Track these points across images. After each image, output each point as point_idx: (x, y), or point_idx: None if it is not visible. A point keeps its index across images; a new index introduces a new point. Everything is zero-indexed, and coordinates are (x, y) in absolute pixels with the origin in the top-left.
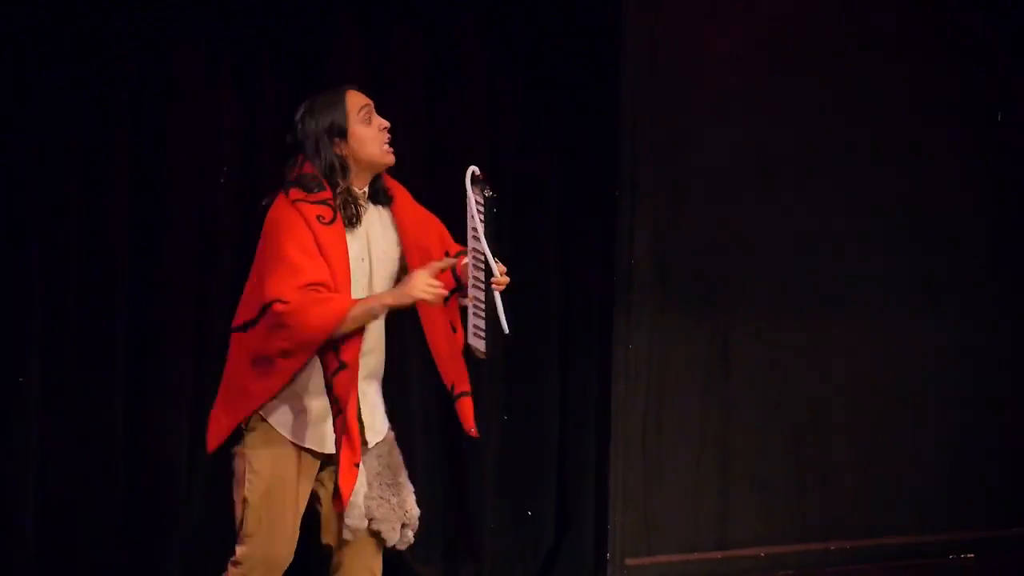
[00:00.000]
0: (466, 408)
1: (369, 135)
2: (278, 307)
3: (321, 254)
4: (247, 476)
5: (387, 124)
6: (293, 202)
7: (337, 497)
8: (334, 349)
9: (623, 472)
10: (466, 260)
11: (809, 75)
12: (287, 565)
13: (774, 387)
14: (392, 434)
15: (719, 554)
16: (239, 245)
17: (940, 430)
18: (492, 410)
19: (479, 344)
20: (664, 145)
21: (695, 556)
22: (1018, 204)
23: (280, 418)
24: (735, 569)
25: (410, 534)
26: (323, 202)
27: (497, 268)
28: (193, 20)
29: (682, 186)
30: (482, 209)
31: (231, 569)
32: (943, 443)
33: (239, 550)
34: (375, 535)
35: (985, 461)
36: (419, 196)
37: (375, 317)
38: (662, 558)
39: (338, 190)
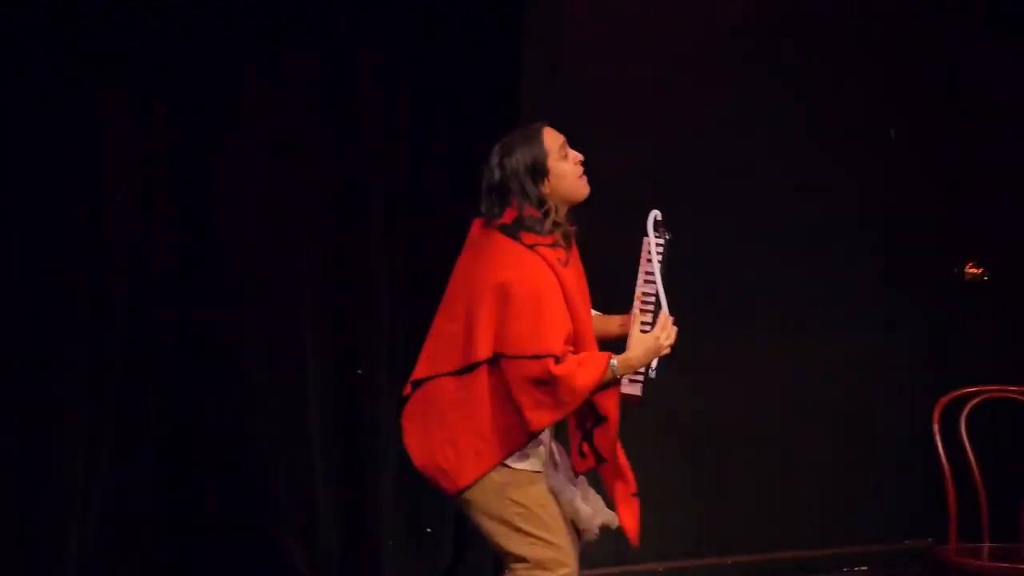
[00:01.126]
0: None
1: (568, 170)
2: (553, 367)
3: (567, 299)
4: (513, 512)
5: (582, 157)
6: (531, 247)
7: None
8: (589, 404)
9: None
10: (635, 303)
11: (710, 89)
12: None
13: (671, 401)
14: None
15: (617, 569)
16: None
17: (835, 444)
18: (394, 425)
19: (635, 390)
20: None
21: (594, 572)
22: (914, 215)
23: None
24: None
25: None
26: (556, 244)
27: (665, 312)
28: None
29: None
30: (661, 252)
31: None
32: (839, 458)
33: (534, 558)
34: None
35: (877, 475)
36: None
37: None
38: None
39: (554, 227)
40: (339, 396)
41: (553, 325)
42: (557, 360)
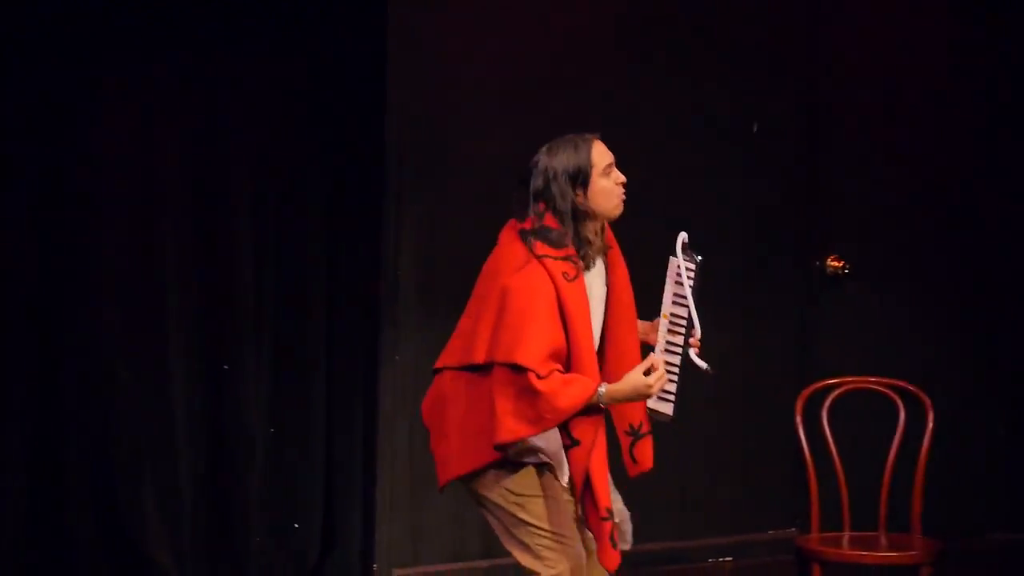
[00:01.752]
0: (647, 447)
1: (609, 188)
2: (535, 381)
3: (564, 313)
4: (524, 506)
5: (624, 179)
6: (539, 257)
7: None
8: (565, 426)
9: (390, 484)
10: (662, 323)
11: (575, 83)
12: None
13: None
14: None
15: (485, 563)
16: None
17: (698, 436)
18: (260, 422)
19: (665, 408)
20: (430, 157)
21: (461, 565)
22: (776, 209)
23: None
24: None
25: (629, 531)
26: (568, 258)
27: (697, 330)
28: None
29: (448, 198)
30: (692, 275)
31: None
32: (702, 449)
33: (545, 569)
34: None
35: (741, 466)
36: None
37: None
38: (429, 567)
39: (578, 238)
40: (204, 393)
41: (539, 338)
42: (539, 376)
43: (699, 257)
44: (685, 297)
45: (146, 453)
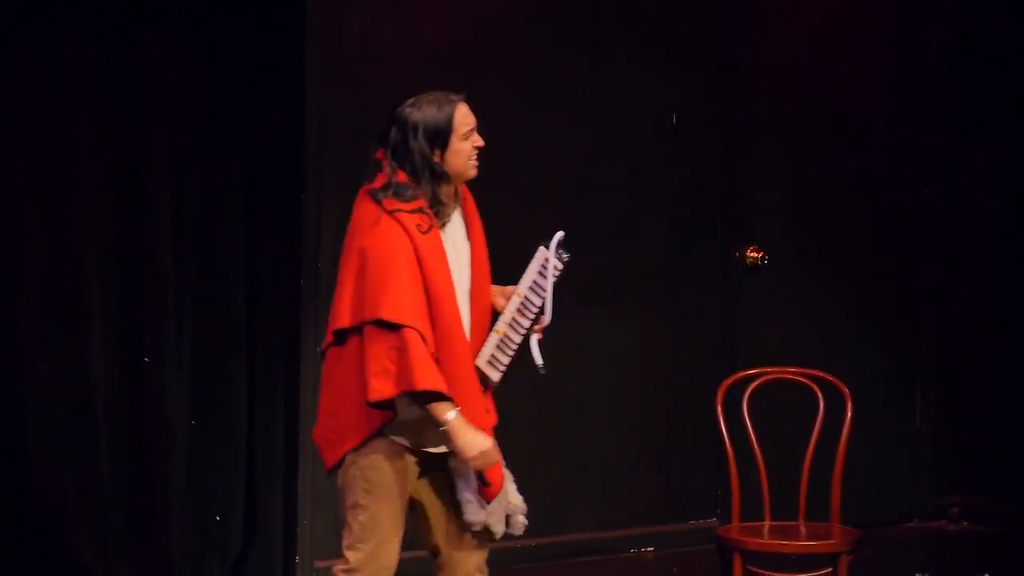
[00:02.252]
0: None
1: (466, 151)
2: (409, 333)
3: (421, 265)
4: (359, 484)
5: (481, 144)
6: (391, 212)
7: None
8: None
9: (312, 476)
10: (513, 299)
11: (495, 76)
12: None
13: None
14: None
15: (406, 555)
16: None
17: (620, 428)
18: (181, 413)
19: (492, 373)
20: (351, 146)
21: None
22: (694, 203)
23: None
24: (422, 570)
25: (520, 518)
26: (419, 210)
27: (547, 319)
28: None
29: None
30: (558, 272)
31: None
32: (624, 440)
33: (352, 557)
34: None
35: (663, 457)
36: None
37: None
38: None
39: (429, 194)
40: (124, 385)
41: (401, 292)
42: (414, 330)
43: (567, 257)
44: (544, 290)
45: (66, 445)
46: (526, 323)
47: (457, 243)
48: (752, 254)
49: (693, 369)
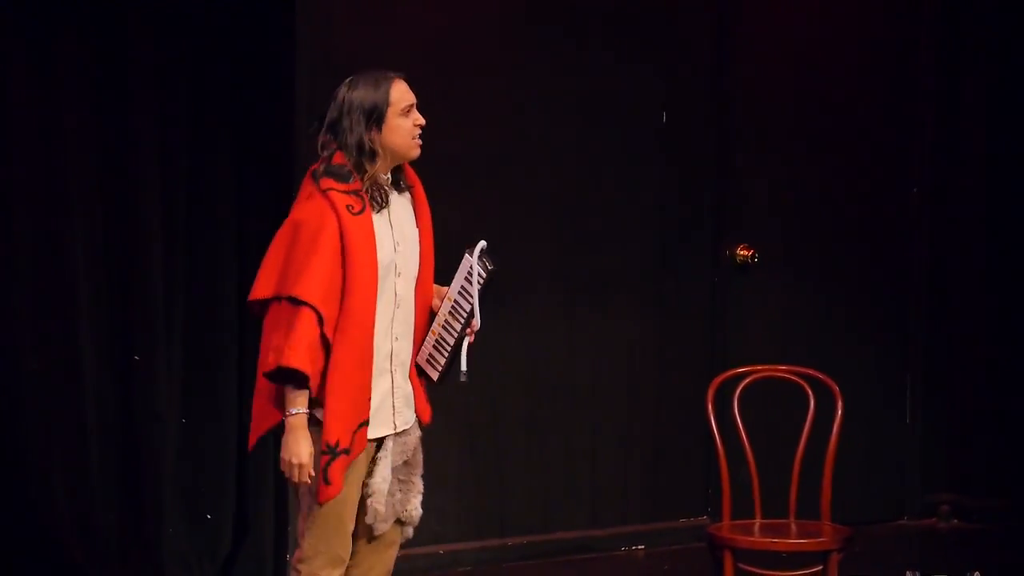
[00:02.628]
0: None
1: (406, 128)
2: (305, 312)
3: (345, 246)
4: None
5: (423, 122)
6: (324, 191)
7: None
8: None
9: None
10: (445, 302)
11: (486, 72)
12: (348, 556)
13: (449, 385)
14: (420, 433)
15: (398, 552)
16: None
17: (611, 426)
18: (172, 412)
19: (431, 372)
20: None
21: None
22: (684, 201)
23: None
24: (415, 567)
25: (409, 531)
26: (354, 192)
27: (476, 323)
28: None
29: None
30: (483, 279)
31: (297, 567)
32: (614, 438)
33: (303, 547)
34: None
35: (653, 455)
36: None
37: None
38: None
39: (365, 175)
40: (115, 383)
41: (317, 273)
42: (312, 308)
43: (492, 267)
44: (472, 296)
45: (56, 443)
46: (457, 326)
47: (404, 228)
48: (742, 252)
49: (684, 367)
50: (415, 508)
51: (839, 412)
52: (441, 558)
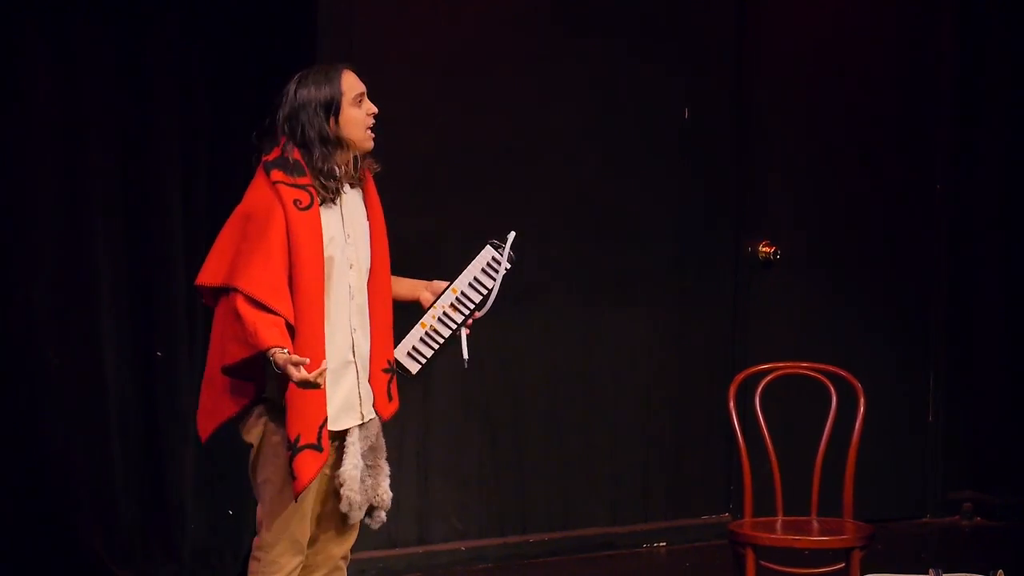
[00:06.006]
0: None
1: (358, 118)
2: (241, 302)
3: (290, 240)
4: (271, 460)
5: (375, 111)
6: (273, 183)
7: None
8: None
9: None
10: (446, 295)
11: (508, 72)
12: (307, 543)
13: (472, 382)
14: (379, 419)
15: (420, 549)
16: None
17: (632, 423)
18: (192, 409)
19: (411, 365)
20: None
21: (396, 552)
22: (706, 198)
23: None
24: (435, 563)
25: (382, 515)
26: (303, 187)
27: (481, 313)
28: None
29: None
30: (506, 271)
31: (257, 555)
32: (637, 434)
33: (264, 535)
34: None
35: (675, 453)
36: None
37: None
38: (363, 554)
39: (318, 166)
40: (137, 378)
41: (261, 264)
42: (250, 300)
43: (515, 258)
44: (486, 287)
45: (78, 439)
46: (459, 318)
47: (356, 220)
48: (764, 249)
49: (706, 364)
50: (385, 491)
51: (861, 409)
52: (463, 554)
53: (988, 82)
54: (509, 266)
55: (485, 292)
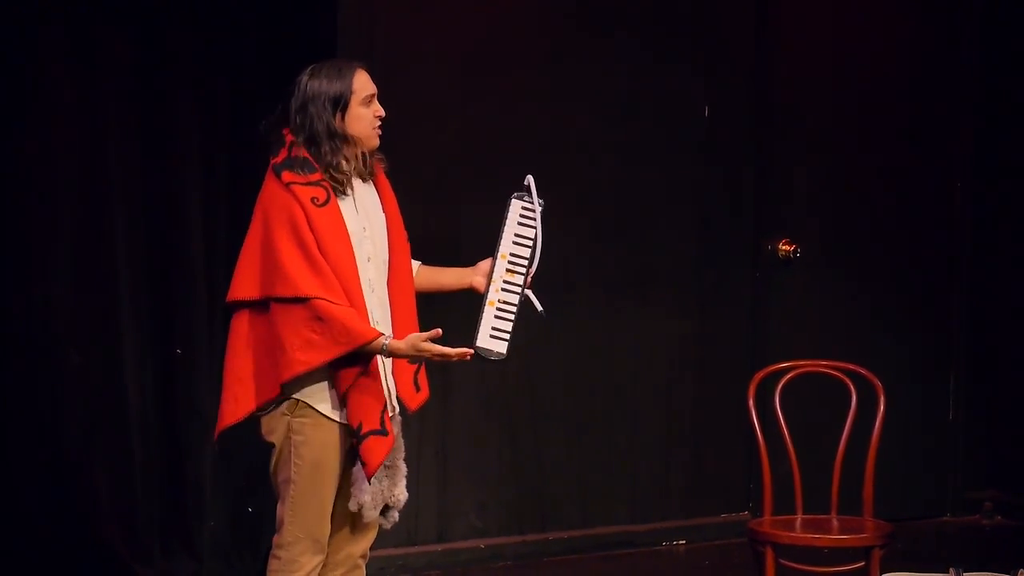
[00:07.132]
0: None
1: (365, 116)
2: (320, 304)
3: (317, 238)
4: (293, 460)
5: (383, 114)
6: (287, 185)
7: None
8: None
9: None
10: (498, 265)
11: (528, 72)
12: (327, 543)
13: (491, 380)
14: (404, 412)
15: (439, 547)
16: None
17: (652, 421)
18: (212, 406)
19: (498, 347)
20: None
21: (415, 549)
22: (726, 196)
23: (322, 400)
24: (455, 561)
25: (395, 514)
26: (316, 183)
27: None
28: None
29: (393, 181)
30: (542, 212)
31: (277, 553)
32: (656, 433)
33: (284, 533)
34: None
35: (694, 451)
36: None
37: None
38: (382, 552)
39: (327, 160)
40: (157, 377)
41: (305, 266)
42: (320, 302)
43: (542, 201)
44: (530, 238)
45: (98, 438)
46: (519, 279)
47: (370, 213)
48: (784, 247)
49: (725, 362)
50: (402, 492)
51: (881, 408)
52: (482, 552)
53: (1010, 77)
54: (542, 204)
55: (531, 242)
